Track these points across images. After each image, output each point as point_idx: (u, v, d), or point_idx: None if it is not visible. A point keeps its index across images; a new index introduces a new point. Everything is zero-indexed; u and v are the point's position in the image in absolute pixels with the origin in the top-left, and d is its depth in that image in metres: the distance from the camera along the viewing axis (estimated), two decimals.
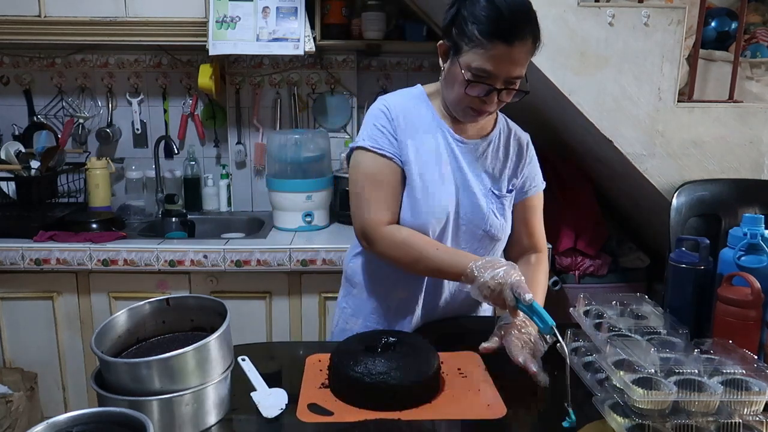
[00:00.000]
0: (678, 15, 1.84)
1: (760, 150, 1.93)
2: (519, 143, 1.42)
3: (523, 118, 2.66)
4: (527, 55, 1.19)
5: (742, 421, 0.91)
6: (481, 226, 1.36)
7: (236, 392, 1.05)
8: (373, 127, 1.32)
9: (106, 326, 1.03)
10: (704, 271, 1.29)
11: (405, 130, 1.31)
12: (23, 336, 2.30)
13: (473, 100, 1.23)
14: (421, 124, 1.33)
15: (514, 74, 1.20)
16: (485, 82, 1.19)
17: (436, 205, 1.31)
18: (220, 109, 2.76)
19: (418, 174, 1.31)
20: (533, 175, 1.43)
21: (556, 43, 1.84)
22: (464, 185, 1.34)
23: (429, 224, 1.31)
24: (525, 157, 1.42)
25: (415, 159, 1.31)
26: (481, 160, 1.36)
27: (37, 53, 2.70)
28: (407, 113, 1.33)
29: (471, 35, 1.16)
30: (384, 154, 1.30)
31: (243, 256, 2.21)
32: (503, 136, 1.40)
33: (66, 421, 0.83)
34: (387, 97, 1.36)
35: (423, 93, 1.37)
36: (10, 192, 2.56)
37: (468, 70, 1.19)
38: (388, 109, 1.32)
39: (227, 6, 2.37)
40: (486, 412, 1.04)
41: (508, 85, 1.21)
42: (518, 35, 1.15)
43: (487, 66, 1.17)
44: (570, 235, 2.32)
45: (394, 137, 1.31)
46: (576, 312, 1.26)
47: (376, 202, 1.30)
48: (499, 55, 1.16)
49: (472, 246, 1.38)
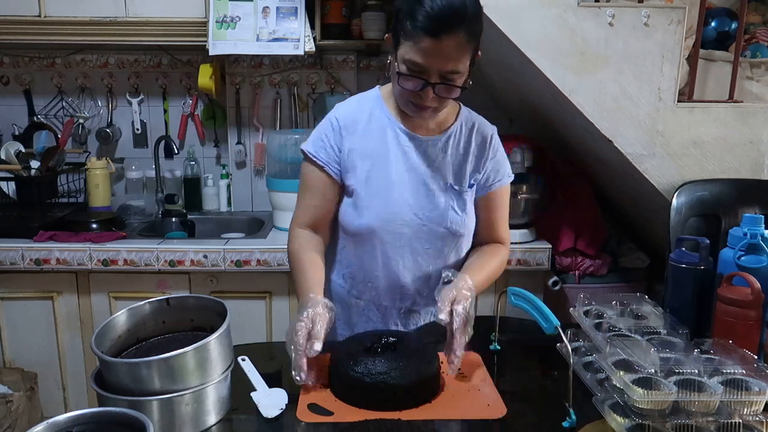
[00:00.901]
0: (678, 15, 1.84)
1: (760, 150, 1.93)
2: (482, 137, 1.39)
3: (523, 118, 2.68)
4: (461, 50, 1.16)
5: (742, 421, 0.91)
6: (441, 224, 1.35)
7: (236, 392, 1.05)
8: (318, 135, 1.36)
9: (106, 326, 1.03)
10: (704, 271, 1.29)
11: (350, 138, 1.33)
12: (23, 336, 2.30)
13: (412, 94, 1.22)
14: (371, 129, 1.34)
15: (447, 68, 1.17)
16: (418, 76, 1.18)
17: (383, 209, 1.32)
18: (220, 109, 2.76)
19: (365, 179, 1.32)
20: (497, 169, 1.41)
21: (556, 43, 1.84)
22: (419, 183, 1.34)
23: (377, 227, 1.32)
24: (488, 151, 1.39)
25: (362, 164, 1.33)
26: (440, 156, 1.35)
27: (37, 53, 2.70)
28: (355, 120, 1.35)
29: (405, 29, 1.17)
30: (317, 162, 1.34)
31: (243, 256, 2.21)
32: (465, 129, 1.38)
33: (66, 421, 0.83)
34: (340, 105, 1.39)
35: (378, 95, 1.38)
36: (10, 192, 2.56)
37: (402, 63, 1.19)
38: (337, 120, 1.35)
39: (227, 6, 2.37)
40: (486, 412, 1.04)
41: (444, 80, 1.19)
42: (445, 29, 1.13)
43: (416, 59, 1.16)
44: (570, 235, 2.32)
45: (336, 148, 1.34)
46: (576, 312, 1.26)
47: (300, 203, 1.39)
48: (428, 49, 1.15)
49: (436, 245, 1.37)
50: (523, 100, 2.38)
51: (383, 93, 1.38)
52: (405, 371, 1.05)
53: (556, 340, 1.08)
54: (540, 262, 2.28)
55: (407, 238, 1.35)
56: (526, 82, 2.12)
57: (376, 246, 1.35)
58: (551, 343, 1.15)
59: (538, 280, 2.33)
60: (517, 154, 2.29)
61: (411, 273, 1.37)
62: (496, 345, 1.29)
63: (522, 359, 1.32)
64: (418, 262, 1.37)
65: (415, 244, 1.35)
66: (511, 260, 2.27)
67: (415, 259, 1.36)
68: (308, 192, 1.37)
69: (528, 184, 2.33)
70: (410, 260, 1.36)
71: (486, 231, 1.44)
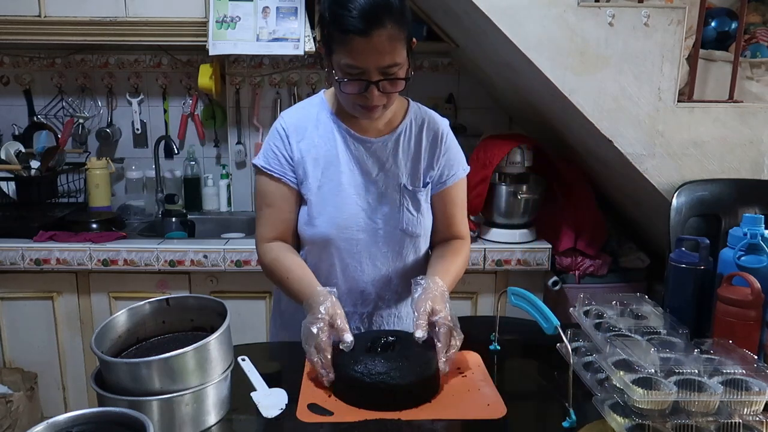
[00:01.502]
0: (678, 15, 1.84)
1: (760, 150, 1.93)
2: (434, 132, 1.35)
3: (523, 118, 2.68)
4: (392, 41, 1.13)
5: (742, 421, 0.91)
6: (397, 227, 1.33)
7: (236, 392, 1.05)
8: (268, 146, 1.32)
9: (106, 326, 1.03)
10: (704, 271, 1.29)
11: (300, 145, 1.30)
12: (23, 336, 2.30)
13: (357, 97, 1.19)
14: (319, 135, 1.31)
15: (384, 63, 1.14)
16: (359, 78, 1.15)
17: (337, 216, 1.30)
18: (220, 109, 2.76)
19: (316, 187, 1.30)
20: (451, 164, 1.37)
21: (556, 43, 1.84)
22: (372, 187, 1.32)
23: (332, 235, 1.30)
24: (440, 147, 1.35)
25: (313, 171, 1.30)
26: (391, 156, 1.32)
27: (37, 53, 2.70)
28: (302, 128, 1.31)
29: (334, 36, 1.14)
30: (272, 175, 1.30)
31: (243, 256, 2.21)
32: (415, 126, 1.34)
33: (66, 421, 0.83)
34: (285, 113, 1.35)
35: (323, 99, 1.34)
36: (10, 192, 2.56)
37: (339, 70, 1.16)
38: (283, 128, 1.31)
39: (227, 6, 2.37)
40: (486, 411, 1.04)
41: (385, 76, 1.15)
42: (373, 25, 1.10)
43: (352, 61, 1.13)
44: (570, 235, 2.32)
45: (287, 156, 1.30)
46: (576, 312, 1.26)
47: (262, 220, 1.34)
48: (360, 49, 1.12)
49: (393, 248, 1.35)
50: (523, 100, 2.38)
51: (327, 96, 1.35)
52: (405, 371, 1.05)
53: (556, 340, 1.08)
54: (540, 262, 2.28)
55: (363, 243, 1.32)
56: (526, 82, 2.12)
57: (333, 253, 1.32)
58: (551, 343, 1.15)
59: (538, 280, 2.33)
60: (517, 154, 2.29)
61: (370, 277, 1.35)
62: (496, 345, 1.29)
63: (522, 359, 1.32)
64: (377, 266, 1.35)
65: (372, 248, 1.33)
66: (511, 260, 2.27)
67: (373, 264, 1.34)
68: (269, 207, 1.32)
69: (528, 184, 2.33)
70: (369, 265, 1.34)
71: (444, 227, 1.41)
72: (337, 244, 1.31)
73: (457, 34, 2.41)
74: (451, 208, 1.40)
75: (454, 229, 1.41)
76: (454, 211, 1.40)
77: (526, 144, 2.30)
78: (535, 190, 2.35)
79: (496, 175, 2.32)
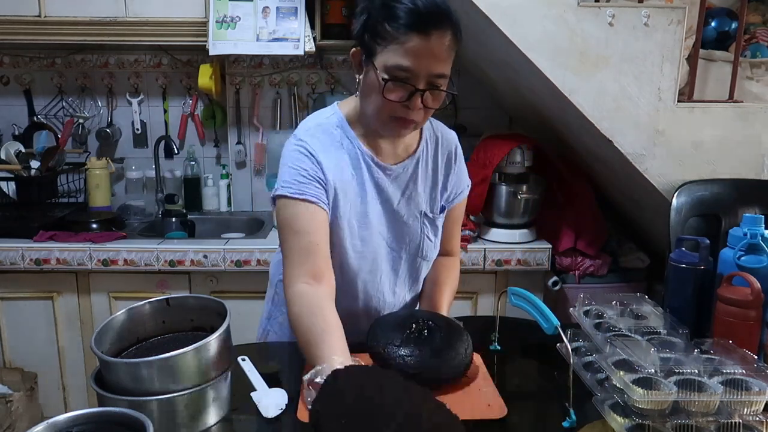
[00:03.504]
0: (678, 15, 1.84)
1: (760, 150, 1.93)
2: (448, 152, 1.32)
3: (523, 118, 2.68)
4: (448, 50, 1.09)
5: (742, 421, 0.91)
6: (417, 255, 1.31)
7: (236, 392, 1.05)
8: (291, 170, 1.17)
9: (106, 326, 1.03)
10: (704, 271, 1.29)
11: (328, 166, 1.18)
12: (23, 336, 2.30)
13: (394, 107, 1.09)
14: (343, 159, 1.21)
15: (436, 71, 1.08)
16: (405, 82, 1.07)
17: (362, 248, 1.24)
18: (220, 109, 2.76)
19: (341, 215, 1.20)
20: (460, 182, 1.35)
21: (556, 43, 1.84)
22: (394, 217, 1.27)
23: (357, 266, 1.25)
24: (453, 168, 1.32)
25: (343, 200, 1.20)
26: (411, 182, 1.27)
27: (37, 53, 2.70)
28: (327, 146, 1.20)
29: (384, 33, 1.06)
30: (305, 199, 1.15)
31: (243, 256, 2.21)
32: (431, 147, 1.29)
33: (66, 421, 0.83)
34: (301, 133, 1.21)
35: (341, 118, 1.23)
36: (10, 192, 2.56)
37: (384, 71, 1.07)
38: (306, 147, 1.18)
39: (227, 6, 2.37)
40: (486, 412, 1.03)
41: (431, 87, 1.09)
42: (435, 26, 1.05)
43: (404, 62, 1.06)
44: (570, 235, 2.32)
45: (320, 179, 1.17)
46: (576, 312, 1.26)
47: (291, 258, 1.15)
48: (417, 49, 1.05)
49: (413, 274, 1.33)
50: (523, 100, 2.38)
51: (345, 114, 1.24)
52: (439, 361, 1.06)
53: (556, 340, 1.08)
54: (540, 262, 2.28)
55: (386, 273, 1.29)
56: (526, 82, 2.11)
57: (356, 284, 1.27)
58: (551, 343, 1.15)
59: (538, 280, 2.33)
60: (517, 154, 2.29)
61: (390, 305, 1.33)
62: (497, 345, 1.29)
63: (522, 359, 1.32)
64: (395, 292, 1.33)
65: (393, 277, 1.31)
66: (511, 260, 2.27)
67: (393, 292, 1.33)
68: (301, 235, 1.14)
69: (528, 184, 2.33)
70: (390, 294, 1.32)
71: (445, 244, 1.38)
72: (362, 276, 1.27)
73: None
74: (452, 225, 1.38)
75: (449, 246, 1.40)
76: (453, 228, 1.39)
77: (526, 144, 2.30)
78: (535, 190, 2.35)
79: (496, 175, 2.32)
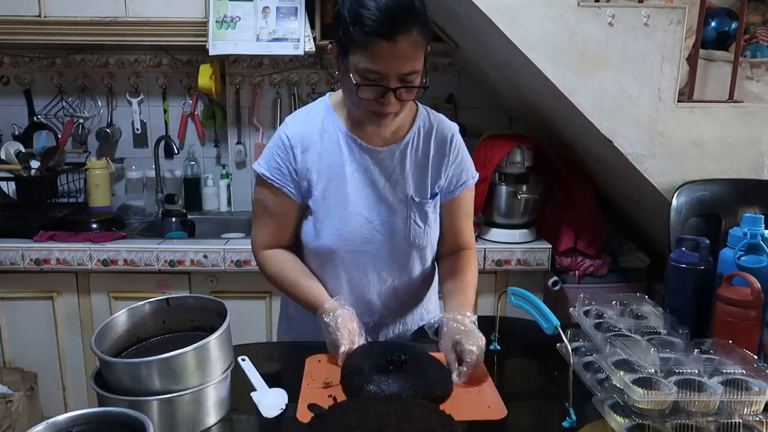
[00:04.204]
0: (678, 15, 1.84)
1: (760, 150, 1.93)
2: (442, 139, 1.32)
3: (523, 118, 2.68)
4: (415, 48, 1.10)
5: (742, 421, 0.91)
6: (403, 239, 1.30)
7: (236, 392, 1.05)
8: (271, 154, 1.28)
9: (106, 326, 1.03)
10: (704, 271, 1.29)
11: (305, 156, 1.26)
12: (23, 336, 2.30)
13: (371, 103, 1.14)
14: (324, 145, 1.26)
15: (405, 70, 1.10)
16: (377, 84, 1.11)
17: (342, 228, 1.27)
18: (220, 109, 2.76)
19: (321, 197, 1.27)
20: (460, 172, 1.34)
21: (556, 43, 1.84)
22: (378, 198, 1.28)
23: (337, 247, 1.28)
24: (449, 156, 1.32)
25: (318, 182, 1.26)
26: (398, 167, 1.28)
27: (37, 53, 2.70)
28: (307, 138, 1.26)
29: (354, 37, 1.09)
30: (273, 184, 1.27)
31: (243, 256, 2.21)
32: (423, 134, 1.30)
33: (66, 421, 0.83)
34: (290, 121, 1.29)
35: (328, 105, 1.29)
36: (10, 192, 2.56)
37: (357, 73, 1.11)
38: (288, 138, 1.26)
39: (227, 6, 2.37)
40: (486, 412, 1.03)
41: (403, 83, 1.12)
42: (399, 29, 1.06)
43: (373, 66, 1.09)
44: (570, 235, 2.32)
45: (291, 168, 1.26)
46: (576, 312, 1.26)
47: (259, 227, 1.34)
48: (383, 53, 1.08)
49: (400, 260, 1.33)
50: (523, 100, 2.38)
51: (333, 102, 1.30)
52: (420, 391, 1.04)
53: (556, 340, 1.08)
54: (540, 262, 2.28)
55: (369, 255, 1.30)
56: (526, 82, 2.12)
57: (338, 265, 1.30)
58: (551, 343, 1.15)
59: (538, 280, 2.33)
60: (517, 154, 2.29)
61: (376, 289, 1.34)
62: (496, 345, 1.29)
63: (522, 359, 1.32)
64: (382, 277, 1.33)
65: (377, 260, 1.31)
66: (511, 260, 2.27)
67: (379, 275, 1.33)
68: (267, 214, 1.31)
69: (528, 184, 2.33)
70: (375, 276, 1.32)
71: (452, 238, 1.38)
72: (342, 256, 1.29)
73: (457, 34, 2.41)
74: (459, 218, 1.37)
75: (461, 239, 1.39)
76: (462, 221, 1.38)
77: (526, 144, 2.30)
78: (535, 190, 2.35)
79: (496, 175, 2.32)
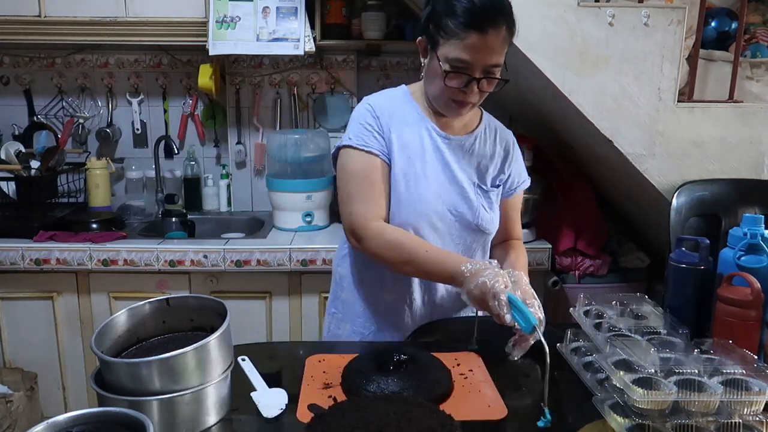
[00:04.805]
0: (678, 15, 1.84)
1: (760, 150, 1.93)
2: (506, 141, 1.45)
3: (523, 118, 2.68)
4: (502, 43, 1.21)
5: (742, 421, 0.91)
6: (473, 221, 1.38)
7: (236, 392, 1.05)
8: (359, 126, 1.34)
9: (106, 326, 1.03)
10: (704, 271, 1.29)
11: (390, 125, 1.33)
12: (23, 336, 2.30)
13: (454, 91, 1.25)
14: (406, 121, 1.35)
15: (491, 62, 1.21)
16: (463, 72, 1.22)
17: (419, 202, 1.33)
18: (220, 109, 2.76)
19: (401, 172, 1.33)
20: (519, 172, 1.48)
21: (556, 43, 1.84)
22: (452, 180, 1.36)
23: (411, 221, 1.33)
24: (511, 154, 1.45)
25: (399, 155, 1.33)
26: (467, 156, 1.38)
27: (37, 53, 2.70)
28: (392, 110, 1.35)
29: (446, 28, 1.20)
30: (370, 151, 1.32)
31: (243, 256, 2.21)
32: (489, 132, 1.42)
33: (66, 421, 0.83)
34: (371, 97, 1.39)
35: (406, 92, 1.40)
36: (10, 192, 2.56)
37: (446, 62, 1.22)
38: (373, 108, 1.34)
39: (227, 6, 2.37)
40: (486, 412, 1.03)
41: (486, 75, 1.23)
42: (491, 24, 1.17)
43: (463, 56, 1.20)
44: (570, 235, 2.32)
45: (381, 134, 1.33)
46: (576, 312, 1.26)
47: (365, 199, 1.32)
48: (474, 45, 1.18)
49: (465, 241, 1.40)
50: (523, 100, 2.38)
51: (411, 91, 1.40)
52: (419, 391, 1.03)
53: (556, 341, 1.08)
54: (540, 262, 2.28)
55: (440, 233, 1.37)
56: (526, 82, 2.11)
57: None
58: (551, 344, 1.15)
59: (538, 280, 2.33)
60: None
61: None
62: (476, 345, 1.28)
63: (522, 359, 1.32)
64: None
65: (446, 238, 1.37)
66: None
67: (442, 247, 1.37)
68: (367, 185, 1.31)
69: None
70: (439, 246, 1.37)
71: (506, 230, 1.50)
72: (417, 231, 1.34)
73: None
74: (514, 213, 1.51)
75: (515, 231, 1.53)
76: (516, 216, 1.52)
77: (526, 144, 2.29)
78: (535, 190, 2.34)
79: None
